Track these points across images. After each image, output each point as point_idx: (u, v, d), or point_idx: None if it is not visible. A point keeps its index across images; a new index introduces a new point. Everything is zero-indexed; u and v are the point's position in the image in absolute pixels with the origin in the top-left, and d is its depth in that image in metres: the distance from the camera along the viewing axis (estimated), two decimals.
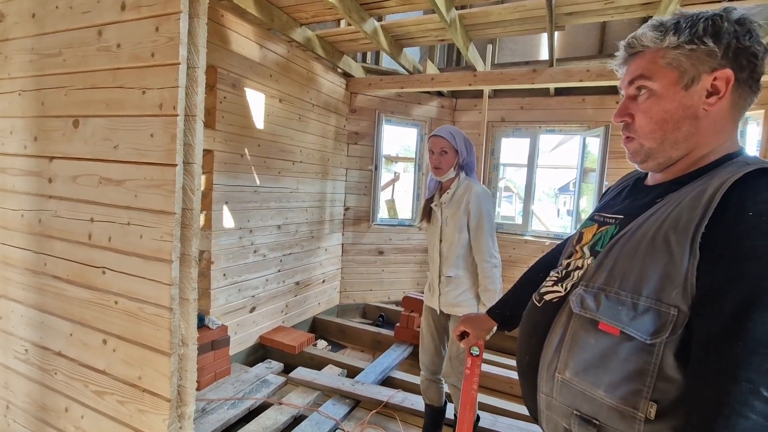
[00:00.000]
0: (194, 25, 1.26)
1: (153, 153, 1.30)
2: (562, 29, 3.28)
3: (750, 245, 0.60)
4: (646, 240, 0.70)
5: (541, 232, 5.01)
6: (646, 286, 0.68)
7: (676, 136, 0.74)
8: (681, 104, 0.72)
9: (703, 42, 0.69)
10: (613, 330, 0.70)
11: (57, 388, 1.59)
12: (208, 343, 2.72)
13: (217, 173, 2.85)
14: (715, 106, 0.71)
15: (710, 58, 0.70)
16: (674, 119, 0.73)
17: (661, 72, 0.74)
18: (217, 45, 2.74)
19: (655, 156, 0.78)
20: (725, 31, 0.69)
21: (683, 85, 0.72)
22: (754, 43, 0.69)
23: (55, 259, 1.55)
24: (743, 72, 0.70)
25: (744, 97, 0.73)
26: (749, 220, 0.61)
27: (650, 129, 0.76)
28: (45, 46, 1.54)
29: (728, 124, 0.74)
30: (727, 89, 0.70)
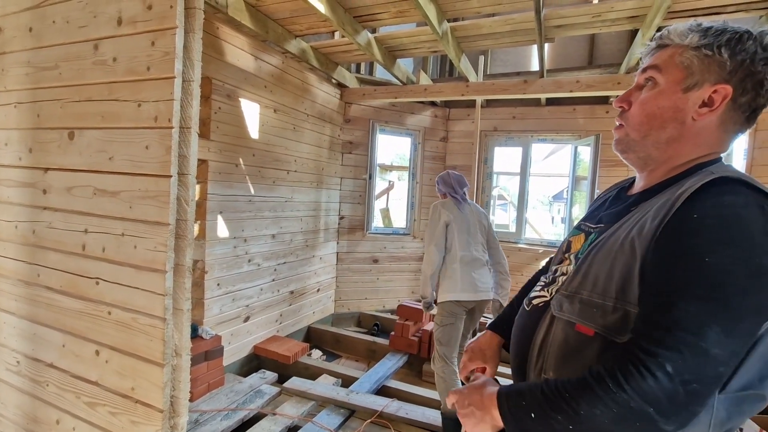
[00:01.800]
0: (190, 39, 1.29)
1: (148, 164, 1.32)
2: (552, 41, 3.35)
3: (687, 243, 0.64)
4: (616, 246, 0.73)
5: (535, 239, 5.05)
6: (613, 289, 0.71)
7: (659, 136, 0.76)
8: (674, 105, 0.74)
9: (720, 52, 0.70)
10: (588, 330, 0.73)
11: (48, 399, 1.58)
12: (202, 354, 2.70)
13: (211, 183, 2.86)
14: (703, 118, 0.73)
15: (720, 69, 0.70)
16: (663, 117, 0.75)
17: (672, 68, 0.74)
18: (213, 56, 2.77)
19: (635, 149, 0.80)
20: (745, 49, 0.69)
21: (684, 87, 0.73)
22: (766, 72, 0.69)
23: (49, 270, 1.56)
24: (744, 95, 0.71)
25: (736, 121, 0.74)
26: (692, 221, 0.64)
27: (639, 120, 0.78)
28: (41, 60, 1.56)
29: (712, 141, 0.75)
30: (721, 104, 0.71)
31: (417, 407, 2.77)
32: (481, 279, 2.52)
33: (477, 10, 2.91)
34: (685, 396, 0.59)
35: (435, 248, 2.50)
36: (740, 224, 0.63)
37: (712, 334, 0.59)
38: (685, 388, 0.58)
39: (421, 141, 4.86)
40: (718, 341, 0.59)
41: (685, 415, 0.60)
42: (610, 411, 0.61)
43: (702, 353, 0.59)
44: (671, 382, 0.58)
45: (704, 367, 0.59)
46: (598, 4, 2.80)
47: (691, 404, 0.60)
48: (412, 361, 3.65)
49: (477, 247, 2.56)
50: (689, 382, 0.59)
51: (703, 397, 0.60)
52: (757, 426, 2.54)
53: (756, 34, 0.70)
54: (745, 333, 0.61)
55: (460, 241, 2.51)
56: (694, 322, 0.60)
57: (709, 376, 0.59)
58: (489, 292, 2.55)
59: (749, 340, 0.63)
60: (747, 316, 0.61)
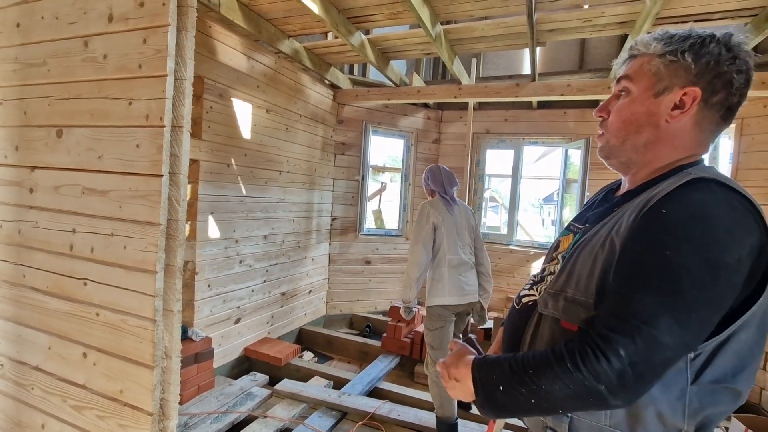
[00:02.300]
0: (182, 38, 1.27)
1: (138, 163, 1.30)
2: (544, 45, 3.39)
3: (652, 238, 0.68)
4: (597, 245, 0.77)
5: (526, 241, 5.09)
6: (594, 286, 0.75)
7: (637, 140, 0.80)
8: (647, 110, 0.77)
9: (684, 57, 0.74)
10: (572, 327, 0.77)
11: (33, 403, 1.55)
12: (192, 356, 2.67)
13: (202, 183, 2.83)
14: (676, 120, 0.76)
15: (686, 73, 0.74)
16: (638, 122, 0.79)
17: (643, 76, 0.78)
18: (205, 56, 2.75)
19: (617, 155, 0.84)
20: (709, 51, 0.73)
21: (654, 92, 0.77)
22: (732, 71, 0.72)
23: (35, 271, 1.52)
24: (715, 95, 0.74)
25: (711, 121, 0.76)
26: (660, 217, 0.69)
27: (617, 127, 0.82)
28: (29, 56, 1.53)
29: (690, 142, 0.78)
30: (691, 106, 0.74)
31: (409, 409, 2.77)
32: (468, 282, 2.50)
33: (470, 13, 2.93)
34: (633, 378, 0.64)
35: (423, 248, 2.44)
36: (703, 221, 0.66)
37: (663, 324, 0.63)
38: (633, 371, 0.64)
39: (413, 143, 4.87)
40: (669, 331, 0.63)
41: (632, 394, 0.66)
42: (567, 388, 0.67)
43: (653, 341, 0.63)
44: (622, 364, 0.64)
45: (653, 354, 0.64)
46: (589, 10, 2.84)
47: (638, 385, 0.65)
48: (404, 363, 3.65)
49: (465, 249, 2.53)
50: (637, 365, 0.64)
51: (649, 379, 0.65)
52: (743, 425, 2.59)
53: (719, 37, 0.73)
54: (696, 324, 0.65)
55: (449, 244, 2.47)
56: (649, 312, 0.64)
57: (656, 362, 0.64)
58: (475, 295, 2.55)
59: (702, 331, 0.66)
60: (700, 309, 0.65)
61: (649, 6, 2.53)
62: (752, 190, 3.20)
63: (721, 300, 0.66)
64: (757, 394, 3.10)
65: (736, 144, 3.36)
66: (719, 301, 0.66)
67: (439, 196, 2.59)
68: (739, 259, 0.65)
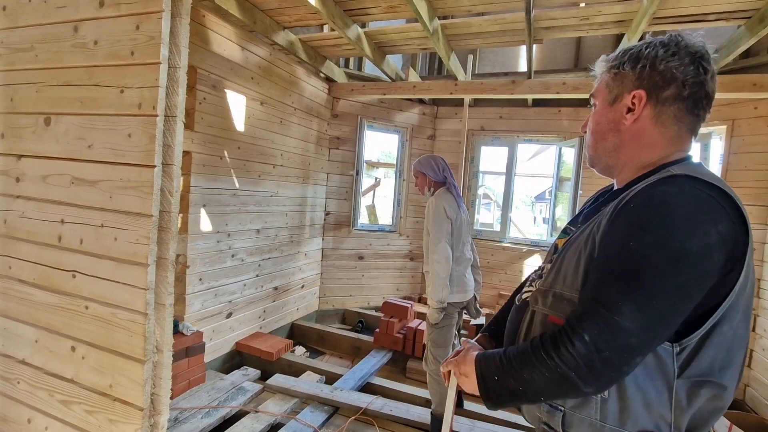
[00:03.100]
0: (176, 24, 1.24)
1: (130, 153, 1.27)
2: (540, 42, 3.39)
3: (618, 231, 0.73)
4: (581, 244, 0.82)
5: (519, 239, 5.12)
6: (579, 282, 0.79)
7: (606, 146, 0.88)
8: (607, 118, 0.86)
9: (623, 67, 0.83)
10: (559, 321, 0.81)
11: (19, 398, 1.51)
12: (183, 350, 2.64)
13: (194, 175, 2.79)
14: (632, 121, 0.82)
15: (629, 80, 0.82)
16: (602, 131, 0.87)
17: (601, 91, 0.89)
18: (198, 45, 2.70)
19: (597, 162, 0.92)
20: (645, 56, 0.80)
21: (609, 102, 0.86)
22: (673, 67, 0.77)
23: (21, 262, 1.48)
24: (663, 91, 0.79)
25: (676, 115, 0.80)
26: (627, 211, 0.73)
27: (590, 139, 0.91)
28: (16, 41, 1.48)
29: (658, 139, 0.82)
30: (640, 107, 0.81)
31: (401, 404, 2.77)
32: (470, 278, 2.53)
33: (468, 9, 2.91)
34: (600, 363, 0.68)
35: (447, 245, 2.33)
36: (664, 211, 0.69)
37: (626, 311, 0.67)
38: (600, 356, 0.68)
39: (408, 138, 4.85)
40: (631, 317, 0.67)
41: (602, 380, 0.70)
42: (544, 375, 0.72)
43: (615, 327, 0.67)
44: (588, 350, 0.68)
45: (617, 339, 0.67)
46: (587, 8, 2.84)
47: (606, 370, 0.68)
48: (396, 359, 3.66)
49: (467, 246, 2.53)
50: (602, 351, 0.68)
51: (616, 365, 0.68)
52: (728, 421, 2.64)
53: (658, 41, 0.80)
54: (659, 311, 0.67)
55: (456, 241, 2.42)
56: (612, 300, 0.69)
57: (620, 347, 0.67)
58: (473, 290, 2.57)
59: (666, 319, 0.69)
60: (661, 296, 0.67)
61: (646, 6, 2.54)
62: (742, 191, 3.25)
63: (687, 288, 0.68)
64: (741, 390, 3.16)
65: (726, 145, 3.40)
66: (684, 289, 0.68)
67: (446, 189, 2.50)
68: (706, 247, 0.67)
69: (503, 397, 0.80)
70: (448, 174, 2.55)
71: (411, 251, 4.97)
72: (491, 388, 0.81)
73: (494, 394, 0.81)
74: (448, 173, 2.55)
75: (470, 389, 0.88)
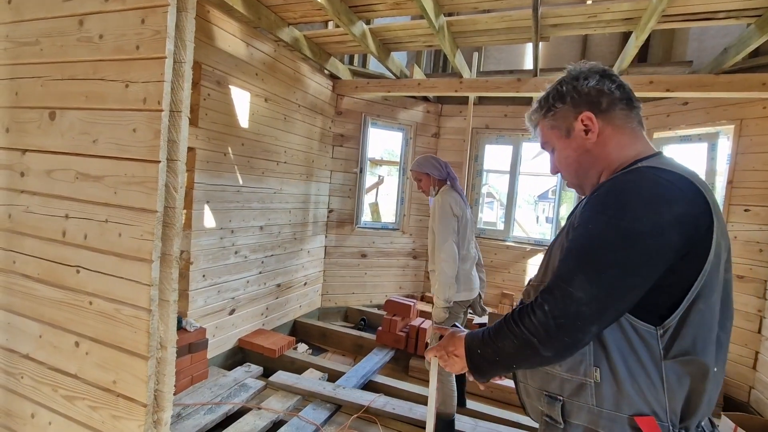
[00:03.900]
0: (182, 18, 1.23)
1: (135, 149, 1.26)
2: (547, 40, 3.36)
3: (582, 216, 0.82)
4: (562, 237, 0.90)
5: (523, 238, 5.10)
6: None
7: (585, 169, 0.95)
8: (572, 148, 0.95)
9: (556, 106, 0.95)
10: None
11: (23, 392, 1.51)
12: (186, 346, 2.64)
13: (198, 172, 2.78)
14: (595, 137, 0.91)
15: (570, 111, 0.93)
16: (576, 159, 0.95)
17: (551, 134, 0.98)
18: (203, 41, 2.69)
19: (582, 188, 1.00)
20: (564, 92, 0.93)
21: (565, 134, 0.95)
22: (592, 86, 0.90)
23: (26, 257, 1.48)
24: (600, 104, 0.90)
25: (622, 117, 0.90)
26: (593, 198, 0.83)
27: (568, 173, 0.99)
28: (21, 34, 1.47)
29: (622, 138, 0.91)
30: (594, 123, 0.91)
31: (404, 402, 2.76)
32: (475, 276, 2.52)
33: (474, 6, 2.89)
34: (555, 328, 0.76)
35: (455, 244, 2.33)
36: (621, 195, 0.78)
37: (577, 281, 0.75)
38: (555, 322, 0.76)
39: (412, 136, 4.83)
40: (581, 287, 0.75)
41: (557, 343, 0.77)
42: (512, 342, 0.82)
43: (567, 295, 0.76)
44: (546, 317, 0.77)
45: (569, 307, 0.75)
46: (594, 5, 2.81)
47: (560, 334, 0.76)
48: (399, 357, 3.65)
49: (472, 243, 2.52)
50: (558, 317, 0.76)
51: (568, 329, 0.75)
52: (732, 423, 2.62)
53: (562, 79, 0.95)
54: (608, 283, 0.74)
55: (461, 239, 2.41)
56: (568, 273, 0.78)
57: (572, 313, 0.75)
58: (478, 288, 2.57)
59: (616, 291, 0.75)
60: (609, 270, 0.74)
61: (655, 3, 2.51)
62: (749, 191, 3.22)
63: (634, 263, 0.74)
64: (746, 392, 3.14)
65: (734, 145, 3.36)
66: (631, 264, 0.74)
67: (449, 186, 2.49)
68: (657, 225, 0.73)
69: (485, 366, 0.90)
70: (450, 170, 2.54)
71: (414, 249, 4.95)
72: (476, 360, 0.92)
73: (477, 364, 0.92)
74: (450, 169, 2.54)
75: (458, 369, 0.98)
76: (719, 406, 2.99)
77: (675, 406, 0.77)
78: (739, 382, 3.18)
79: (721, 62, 3.11)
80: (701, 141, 3.72)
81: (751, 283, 3.16)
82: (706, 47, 3.93)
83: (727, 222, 3.34)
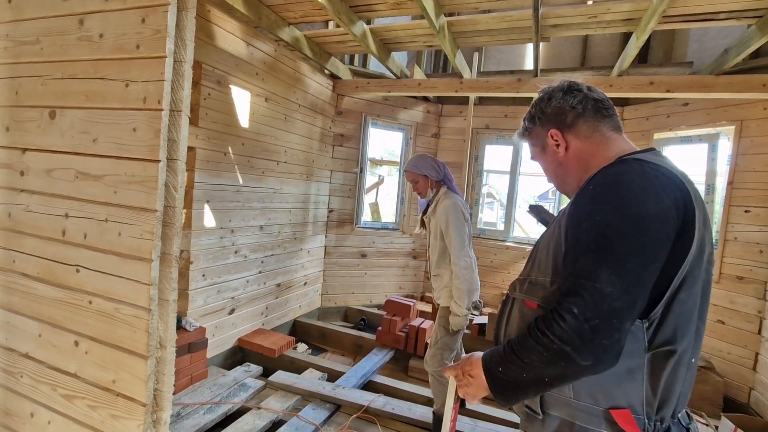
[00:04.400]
0: (182, 18, 1.23)
1: (135, 148, 1.26)
2: (548, 40, 3.36)
3: (583, 209, 0.82)
4: (550, 232, 0.93)
5: (523, 238, 5.09)
6: (550, 266, 0.88)
7: (562, 178, 1.03)
8: (549, 161, 1.04)
9: (529, 128, 1.05)
10: (532, 304, 0.90)
11: (22, 392, 1.51)
12: (185, 346, 2.64)
13: (198, 171, 2.78)
14: (565, 150, 0.98)
15: (540, 130, 1.02)
16: (554, 171, 1.04)
17: (533, 150, 1.08)
18: (203, 40, 2.69)
19: (568, 191, 1.05)
20: (534, 114, 1.03)
21: (541, 150, 1.04)
22: (554, 103, 0.98)
23: (25, 256, 1.48)
24: (566, 119, 0.97)
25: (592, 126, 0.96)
26: (588, 192, 0.84)
27: (552, 181, 1.07)
28: (21, 33, 1.47)
29: (592, 147, 0.96)
30: (561, 138, 0.98)
31: (403, 402, 2.76)
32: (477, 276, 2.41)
33: (474, 6, 2.89)
34: (590, 331, 0.71)
35: (471, 251, 2.30)
36: (618, 185, 0.79)
37: (603, 276, 0.72)
38: (589, 324, 0.71)
39: (412, 136, 4.83)
40: (609, 281, 0.72)
41: (595, 348, 0.71)
42: (541, 356, 0.75)
43: (598, 293, 0.72)
44: (577, 321, 0.71)
45: (601, 304, 0.71)
46: (595, 6, 2.81)
47: (597, 338, 0.71)
48: (398, 357, 3.65)
49: (472, 246, 2.44)
50: (591, 319, 0.71)
51: (605, 330, 0.71)
52: (732, 424, 2.62)
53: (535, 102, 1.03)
54: (632, 272, 0.73)
55: (469, 241, 2.36)
56: (589, 270, 0.74)
57: (606, 311, 0.71)
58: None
59: (641, 278, 0.74)
60: (632, 258, 0.73)
61: (656, 4, 2.51)
62: (750, 192, 3.22)
63: (652, 247, 0.74)
64: (746, 394, 3.14)
65: (734, 146, 3.36)
66: (650, 248, 0.74)
67: (447, 188, 2.41)
68: (662, 210, 0.75)
69: (509, 387, 0.83)
70: (447, 171, 2.44)
71: (414, 249, 4.95)
72: (498, 381, 0.84)
73: (500, 386, 0.84)
74: (447, 170, 2.44)
75: (473, 391, 0.90)
76: (719, 407, 2.99)
77: (651, 398, 0.78)
78: (739, 383, 3.18)
79: (721, 63, 3.11)
80: (701, 142, 3.72)
81: (751, 284, 3.15)
82: (707, 48, 3.93)
83: (727, 223, 3.34)
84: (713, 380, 3.01)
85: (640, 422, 0.78)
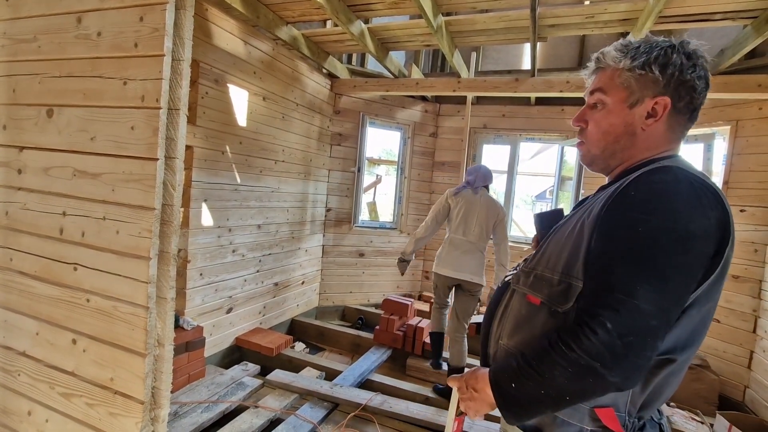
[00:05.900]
0: (180, 16, 1.23)
1: (133, 146, 1.26)
2: (545, 40, 3.37)
3: (623, 216, 0.73)
4: (568, 230, 0.84)
5: (520, 237, 5.11)
6: (561, 264, 0.81)
7: (615, 148, 0.86)
8: (624, 121, 0.83)
9: (651, 70, 0.80)
10: (535, 300, 0.85)
11: (20, 390, 1.51)
12: (183, 344, 2.64)
13: (196, 170, 2.78)
14: (651, 127, 0.82)
15: (654, 84, 0.80)
16: (616, 132, 0.85)
17: (615, 89, 0.84)
18: (201, 39, 2.68)
19: (597, 162, 0.91)
20: (672, 62, 0.79)
21: (629, 104, 0.83)
22: (694, 78, 0.80)
23: (22, 254, 1.48)
24: (681, 101, 0.81)
25: (681, 123, 0.83)
26: (629, 198, 0.74)
27: (596, 138, 0.88)
28: (18, 31, 1.47)
29: (663, 144, 0.84)
30: (663, 113, 0.81)
31: (401, 401, 2.77)
32: (465, 261, 2.83)
33: (472, 5, 2.89)
34: (622, 348, 0.66)
35: (432, 219, 3.01)
36: (666, 197, 0.71)
37: (642, 293, 0.67)
38: (622, 341, 0.66)
39: (410, 136, 4.84)
40: (648, 298, 0.67)
41: (627, 366, 0.67)
42: (566, 371, 0.69)
43: (634, 309, 0.67)
44: (610, 336, 0.66)
45: (637, 321, 0.67)
46: (592, 6, 2.82)
47: (630, 355, 0.66)
48: (396, 356, 3.66)
49: (471, 234, 2.88)
50: (625, 335, 0.66)
51: (639, 348, 0.67)
52: (727, 422, 2.64)
53: (678, 45, 0.81)
54: (673, 291, 0.69)
55: (456, 225, 2.93)
56: (628, 284, 0.68)
57: (641, 329, 0.67)
58: (472, 276, 2.88)
59: (680, 298, 0.70)
60: (674, 276, 0.68)
61: (652, 4, 2.52)
62: (745, 192, 3.24)
63: (693, 267, 0.70)
64: (741, 392, 3.16)
65: (730, 146, 3.38)
66: (691, 268, 0.70)
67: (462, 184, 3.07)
68: (706, 230, 0.70)
69: (522, 405, 0.75)
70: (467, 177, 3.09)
71: None
72: (509, 398, 0.76)
73: (514, 404, 0.76)
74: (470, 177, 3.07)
75: (476, 406, 0.84)
76: (714, 405, 3.01)
77: (637, 399, 0.77)
78: (734, 381, 3.20)
79: (717, 63, 3.12)
80: (697, 141, 3.74)
81: (746, 283, 3.18)
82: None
83: None
84: (709, 378, 3.03)
85: (621, 419, 0.77)
